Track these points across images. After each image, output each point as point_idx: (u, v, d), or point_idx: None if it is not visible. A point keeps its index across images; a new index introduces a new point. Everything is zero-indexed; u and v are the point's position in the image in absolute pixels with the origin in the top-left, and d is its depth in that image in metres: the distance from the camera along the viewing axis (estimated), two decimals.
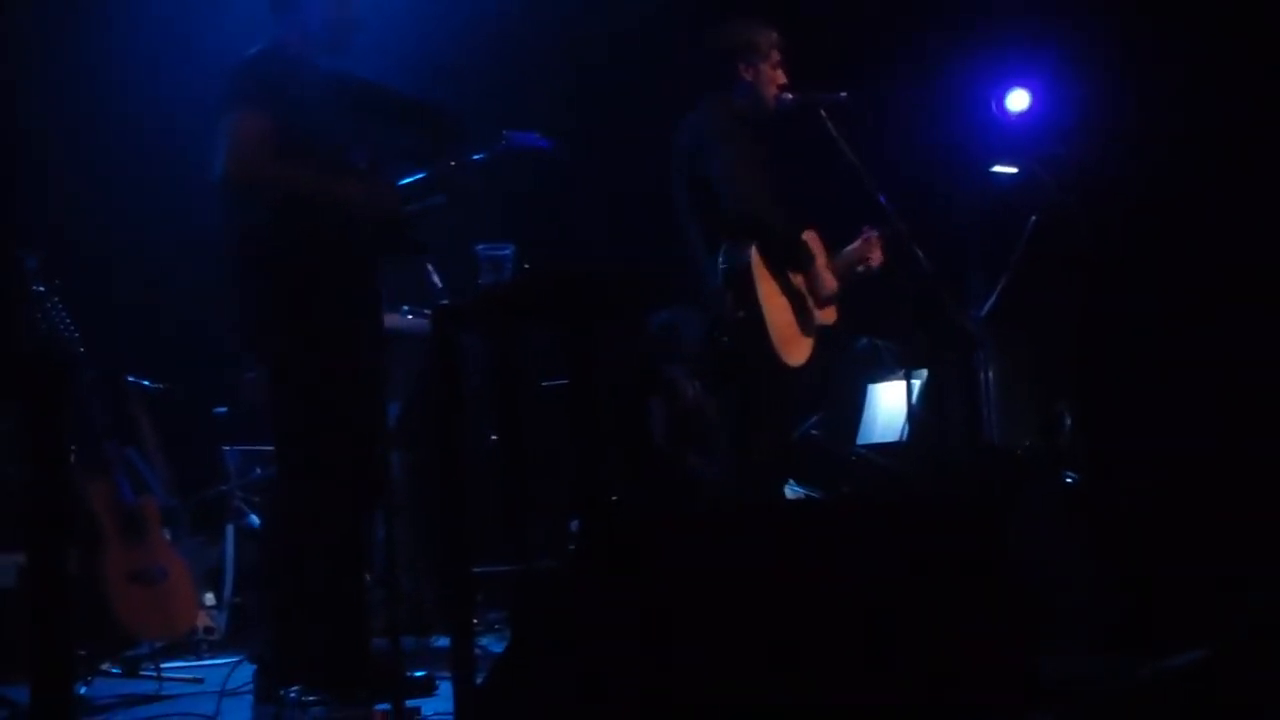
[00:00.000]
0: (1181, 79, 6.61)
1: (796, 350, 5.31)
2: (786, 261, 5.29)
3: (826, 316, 5.48)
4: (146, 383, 6.08)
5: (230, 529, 6.26)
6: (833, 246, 5.56)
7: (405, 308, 5.67)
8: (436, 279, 5.56)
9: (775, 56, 5.41)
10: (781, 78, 5.42)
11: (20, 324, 5.29)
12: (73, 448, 5.18)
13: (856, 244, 5.58)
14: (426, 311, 5.35)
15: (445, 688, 4.44)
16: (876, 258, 5.56)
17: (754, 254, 5.17)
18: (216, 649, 5.87)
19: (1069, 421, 6.24)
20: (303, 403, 4.41)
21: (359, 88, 4.68)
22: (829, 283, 5.40)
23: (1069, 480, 5.70)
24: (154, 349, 6.32)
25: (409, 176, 4.70)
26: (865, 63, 6.44)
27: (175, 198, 5.77)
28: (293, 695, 4.27)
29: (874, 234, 5.54)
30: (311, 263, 4.41)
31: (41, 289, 5.24)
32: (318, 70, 4.55)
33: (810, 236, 5.49)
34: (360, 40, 4.64)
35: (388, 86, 4.86)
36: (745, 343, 5.19)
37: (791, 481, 6.03)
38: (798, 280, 5.34)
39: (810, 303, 5.37)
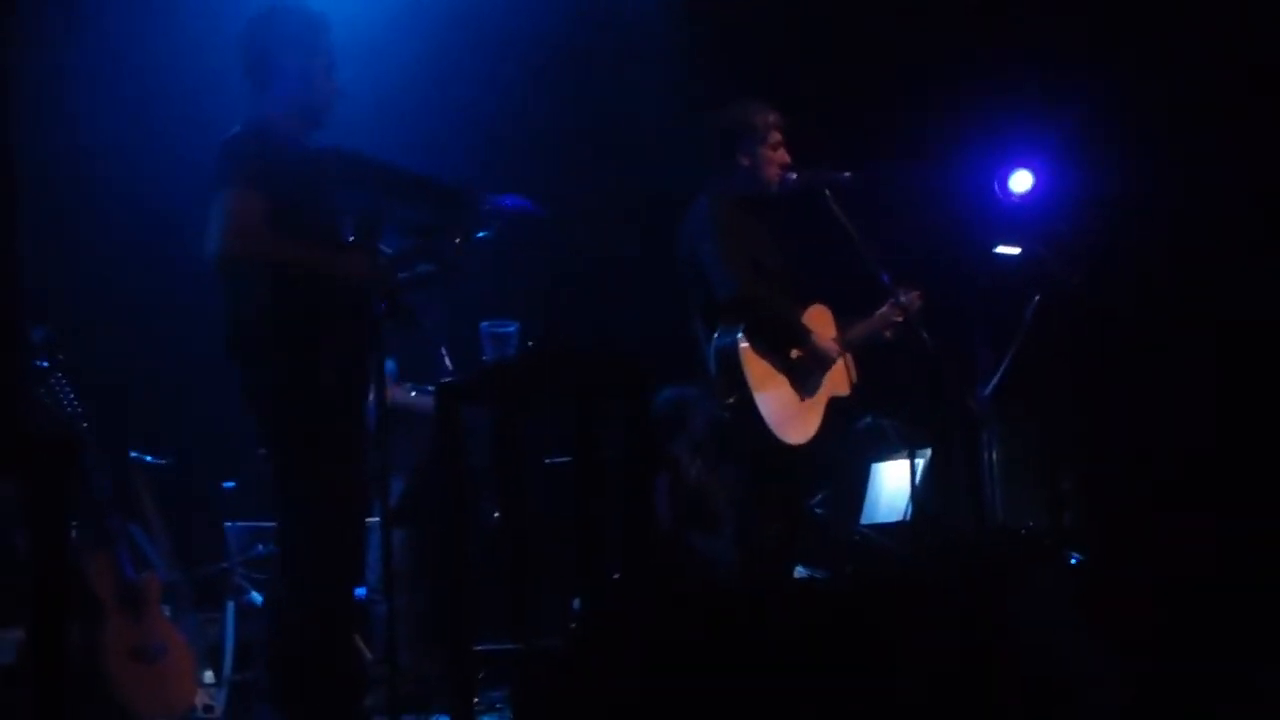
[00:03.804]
0: (1184, 159, 6.65)
1: (797, 428, 5.28)
2: (781, 339, 5.28)
3: (839, 388, 5.44)
4: (149, 458, 6.07)
5: (231, 605, 6.22)
6: (844, 320, 5.55)
7: (409, 384, 5.66)
8: (449, 362, 5.55)
9: (775, 137, 5.42)
10: (784, 157, 5.43)
11: (24, 399, 5.28)
12: (74, 522, 5.16)
13: (884, 308, 5.53)
14: (430, 389, 5.34)
15: None
16: (900, 315, 5.50)
17: (741, 338, 5.17)
18: None
19: (1073, 501, 6.23)
20: (300, 479, 4.39)
21: (352, 162, 4.64)
22: (832, 352, 5.37)
23: (1073, 560, 5.68)
24: (157, 423, 6.31)
25: (396, 246, 4.66)
26: (870, 143, 6.48)
27: (180, 272, 5.77)
28: None
29: (906, 297, 5.48)
30: (309, 341, 4.37)
31: (46, 363, 5.24)
32: (302, 145, 4.52)
33: (818, 310, 5.48)
34: (343, 111, 4.63)
35: (400, 165, 4.83)
36: (741, 424, 5.18)
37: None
38: (798, 356, 5.32)
39: (816, 377, 5.36)
